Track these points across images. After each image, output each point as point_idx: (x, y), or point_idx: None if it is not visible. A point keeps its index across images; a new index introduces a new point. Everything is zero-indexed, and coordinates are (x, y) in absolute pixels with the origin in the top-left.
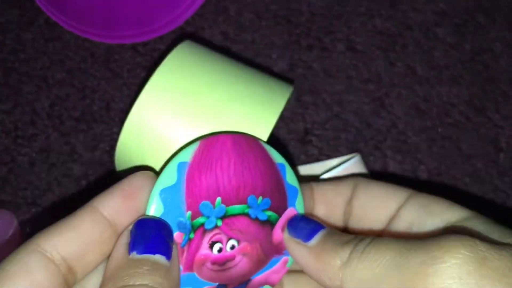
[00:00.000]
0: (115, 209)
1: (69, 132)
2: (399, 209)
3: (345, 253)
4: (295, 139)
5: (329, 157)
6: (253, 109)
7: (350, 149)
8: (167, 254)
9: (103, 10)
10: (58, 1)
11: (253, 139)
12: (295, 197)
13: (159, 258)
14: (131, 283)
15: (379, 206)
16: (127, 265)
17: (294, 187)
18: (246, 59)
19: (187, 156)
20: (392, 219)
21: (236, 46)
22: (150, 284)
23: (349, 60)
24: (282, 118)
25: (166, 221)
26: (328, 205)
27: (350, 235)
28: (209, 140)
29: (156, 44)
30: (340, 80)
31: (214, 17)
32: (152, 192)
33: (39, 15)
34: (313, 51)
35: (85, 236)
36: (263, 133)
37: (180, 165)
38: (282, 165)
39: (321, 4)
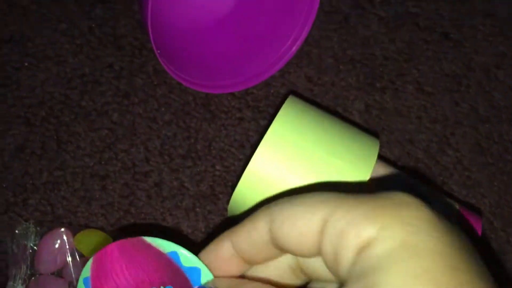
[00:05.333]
0: None
1: (177, 168)
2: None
3: None
4: None
5: None
6: (350, 164)
7: None
8: None
9: (204, 63)
10: (166, 53)
11: (137, 239)
12: (199, 276)
13: None
14: None
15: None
16: None
17: (194, 268)
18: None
19: (87, 271)
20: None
21: (318, 88)
22: None
23: (418, 101)
24: None
25: None
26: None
27: None
28: (99, 253)
29: (249, 88)
30: (411, 120)
31: (298, 61)
32: None
33: (147, 62)
34: (386, 93)
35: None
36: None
37: (85, 280)
38: (174, 253)
39: (392, 49)
